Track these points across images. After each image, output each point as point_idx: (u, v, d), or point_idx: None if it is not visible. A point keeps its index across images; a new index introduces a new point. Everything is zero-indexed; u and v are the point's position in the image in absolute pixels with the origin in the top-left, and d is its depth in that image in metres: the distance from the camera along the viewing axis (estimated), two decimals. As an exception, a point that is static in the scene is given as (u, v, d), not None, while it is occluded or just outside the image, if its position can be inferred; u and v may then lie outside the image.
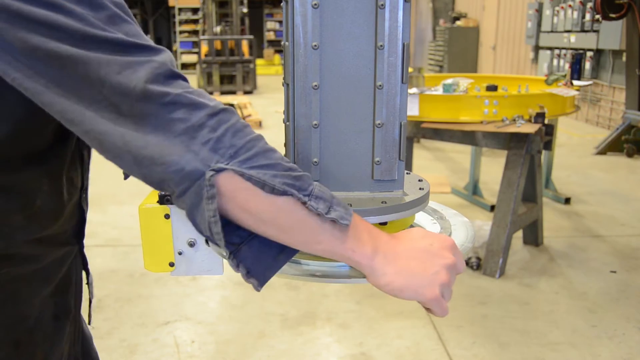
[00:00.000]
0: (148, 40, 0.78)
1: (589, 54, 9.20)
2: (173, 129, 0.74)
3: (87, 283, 1.22)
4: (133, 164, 0.76)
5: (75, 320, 1.16)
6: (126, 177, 1.08)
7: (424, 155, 6.98)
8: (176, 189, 0.76)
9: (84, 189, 1.08)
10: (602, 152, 7.26)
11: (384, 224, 0.99)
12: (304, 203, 0.76)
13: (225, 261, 1.04)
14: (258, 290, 0.83)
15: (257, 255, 0.82)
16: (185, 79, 0.79)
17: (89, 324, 1.26)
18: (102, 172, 0.94)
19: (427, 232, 0.87)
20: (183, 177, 0.74)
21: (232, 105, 8.52)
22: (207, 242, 1.04)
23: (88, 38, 0.73)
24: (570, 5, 9.51)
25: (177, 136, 0.73)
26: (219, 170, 0.73)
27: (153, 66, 0.75)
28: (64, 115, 0.75)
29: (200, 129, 0.74)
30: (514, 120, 3.61)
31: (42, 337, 1.04)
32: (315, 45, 0.95)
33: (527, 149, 3.60)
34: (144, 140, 0.74)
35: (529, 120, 3.62)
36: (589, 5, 8.86)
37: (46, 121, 0.85)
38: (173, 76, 0.76)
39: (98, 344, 1.26)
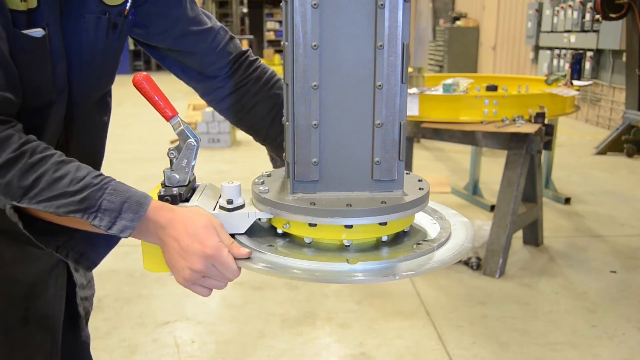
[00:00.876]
0: None
1: (589, 54, 9.20)
2: None
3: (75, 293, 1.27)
4: None
5: (52, 332, 1.19)
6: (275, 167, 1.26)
7: (424, 155, 6.98)
8: None
9: None
10: (602, 152, 7.26)
11: (384, 224, 0.99)
12: (91, 220, 0.91)
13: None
14: (89, 271, 1.06)
15: (89, 242, 0.99)
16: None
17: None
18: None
19: (206, 232, 0.96)
20: None
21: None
22: None
23: None
24: (570, 5, 9.51)
25: None
26: (13, 207, 0.92)
27: None
28: None
29: None
30: (514, 120, 3.61)
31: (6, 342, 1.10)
32: (315, 45, 0.95)
33: (527, 149, 3.60)
34: None
35: (529, 120, 3.62)
36: (589, 5, 8.86)
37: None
38: None
39: (98, 344, 1.27)
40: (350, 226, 0.97)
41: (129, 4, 1.11)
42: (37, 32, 0.97)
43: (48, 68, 1.02)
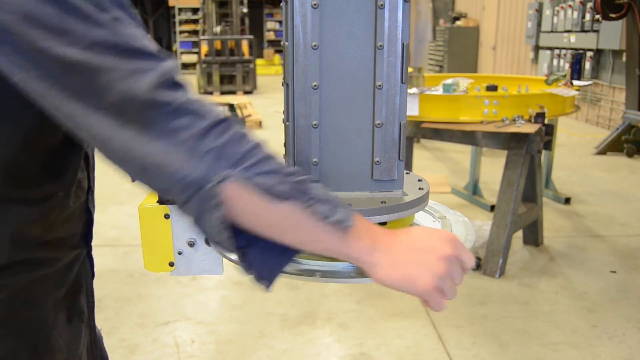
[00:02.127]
0: (153, 45, 0.79)
1: (589, 54, 9.20)
2: (177, 136, 0.74)
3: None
4: (137, 171, 0.77)
5: (89, 323, 1.16)
6: (133, 179, 1.09)
7: (424, 155, 6.98)
8: (180, 196, 0.76)
9: (90, 190, 1.09)
10: (602, 152, 7.26)
11: (384, 224, 0.99)
12: (308, 207, 0.77)
13: (225, 261, 1.04)
14: (267, 291, 0.85)
15: (263, 257, 0.83)
16: (188, 88, 0.79)
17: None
18: (101, 172, 0.94)
19: (426, 228, 0.88)
20: (186, 186, 0.74)
21: (232, 105, 8.50)
22: (207, 242, 1.05)
23: (95, 43, 0.72)
24: (570, 5, 9.51)
25: (181, 144, 0.74)
26: (223, 179, 0.74)
27: (158, 74, 0.75)
28: (70, 119, 0.75)
29: (204, 137, 0.74)
30: (514, 120, 3.61)
31: (59, 341, 1.05)
32: (315, 45, 0.95)
33: (527, 149, 3.60)
34: (148, 147, 0.74)
35: (529, 120, 3.62)
36: (589, 5, 8.86)
37: (54, 130, 0.86)
38: (177, 85, 0.77)
39: (98, 343, 1.27)
40: (385, 223, 0.98)
41: None
42: None
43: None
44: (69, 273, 1.08)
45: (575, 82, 4.38)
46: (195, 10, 19.85)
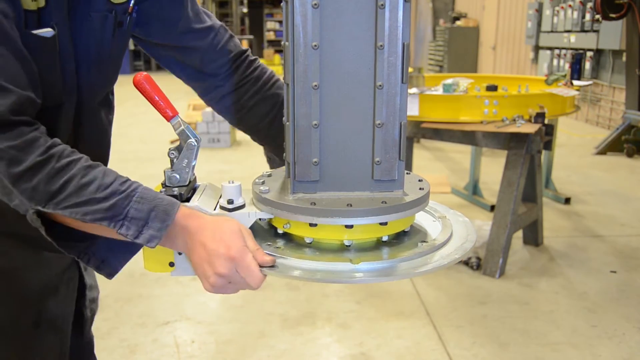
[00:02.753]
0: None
1: (589, 54, 9.20)
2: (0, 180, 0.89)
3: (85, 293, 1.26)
4: None
5: (61, 333, 1.18)
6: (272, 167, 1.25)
7: (424, 155, 6.98)
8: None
9: None
10: (602, 152, 7.26)
11: (384, 224, 0.99)
12: (117, 229, 0.90)
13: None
14: (109, 278, 1.02)
15: (109, 248, 0.99)
16: (25, 124, 0.89)
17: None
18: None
19: (225, 232, 0.96)
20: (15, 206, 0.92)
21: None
22: None
23: None
24: (570, 5, 9.51)
25: (2, 188, 0.89)
26: (36, 212, 0.89)
27: None
28: None
29: (18, 181, 0.88)
30: (514, 120, 3.61)
31: (16, 343, 1.10)
32: (315, 45, 0.95)
33: (527, 149, 3.60)
34: None
35: (529, 120, 3.62)
36: (589, 5, 8.86)
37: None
38: (5, 125, 0.86)
39: (98, 344, 1.27)
40: (351, 226, 0.97)
41: (132, 1, 1.10)
42: (47, 32, 0.96)
43: (57, 68, 1.01)
44: (42, 276, 1.12)
45: (575, 82, 4.37)
46: (195, 10, 19.81)
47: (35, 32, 0.94)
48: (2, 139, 0.86)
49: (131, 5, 1.10)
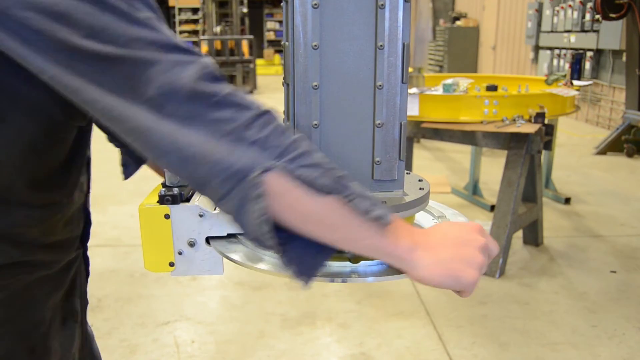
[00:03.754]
0: (186, 44, 0.79)
1: (589, 54, 9.20)
2: (221, 128, 0.74)
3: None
4: (178, 163, 0.76)
5: (82, 323, 1.16)
6: (126, 177, 1.07)
7: (424, 155, 6.98)
8: (220, 189, 0.75)
9: (88, 192, 1.09)
10: (602, 152, 7.26)
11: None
12: (349, 201, 0.76)
13: (226, 261, 1.04)
14: (306, 287, 0.84)
15: (301, 254, 0.82)
16: (228, 82, 0.79)
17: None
18: (101, 172, 0.94)
19: (453, 223, 0.89)
20: (230, 175, 0.74)
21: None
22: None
23: (134, 39, 0.73)
24: (570, 5, 9.51)
25: (225, 136, 0.74)
26: (267, 169, 0.73)
27: (200, 66, 0.75)
28: (107, 113, 0.75)
29: (248, 129, 0.74)
30: (514, 120, 3.61)
31: (55, 342, 1.05)
32: (315, 45, 0.95)
33: (527, 149, 3.60)
34: (190, 138, 0.74)
35: (529, 120, 3.62)
36: (589, 5, 8.86)
37: (63, 136, 0.87)
38: (218, 78, 0.77)
39: (98, 344, 1.27)
40: None
41: None
42: None
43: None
44: (67, 274, 1.08)
45: (575, 82, 4.38)
46: (195, 10, 19.85)
47: None
48: (223, 87, 0.76)
49: None
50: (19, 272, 0.94)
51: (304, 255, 0.82)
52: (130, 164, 1.15)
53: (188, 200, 1.06)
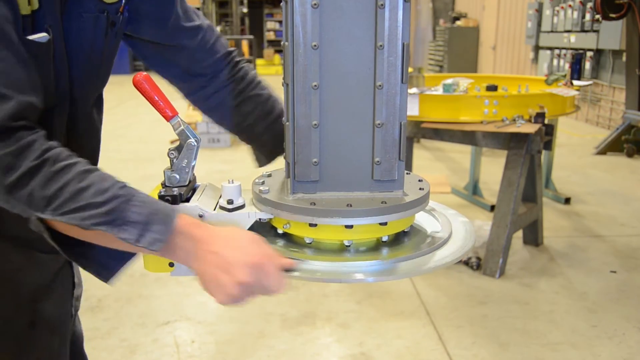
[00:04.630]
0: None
1: (589, 54, 9.20)
2: None
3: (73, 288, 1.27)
4: None
5: (59, 332, 1.18)
6: (260, 165, 1.31)
7: (424, 155, 6.98)
8: None
9: None
10: (602, 152, 7.26)
11: (384, 224, 0.99)
12: (117, 233, 0.88)
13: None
14: (109, 284, 1.04)
15: (106, 253, 0.97)
16: (24, 129, 0.87)
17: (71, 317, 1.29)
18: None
19: (244, 238, 0.93)
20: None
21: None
22: None
23: None
24: (570, 5, 9.51)
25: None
26: (37, 218, 0.88)
27: None
28: None
29: (13, 189, 0.86)
30: (514, 120, 3.61)
31: (11, 343, 1.10)
32: (315, 45, 0.95)
33: (527, 149, 3.60)
34: None
35: (529, 120, 3.62)
36: (589, 5, 8.85)
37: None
38: (2, 132, 0.85)
39: (98, 344, 1.27)
40: (351, 226, 0.97)
41: (123, 0, 1.10)
42: (42, 37, 0.95)
43: (51, 72, 1.00)
44: (40, 278, 1.11)
45: (575, 82, 4.37)
46: (195, 10, 19.80)
47: (30, 37, 0.93)
48: (0, 147, 0.85)
49: (122, 4, 1.09)
50: (13, 245, 1.06)
51: (110, 253, 0.97)
52: (262, 159, 1.31)
53: (188, 200, 1.06)
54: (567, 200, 5.16)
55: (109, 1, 1.06)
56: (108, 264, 0.99)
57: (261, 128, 1.27)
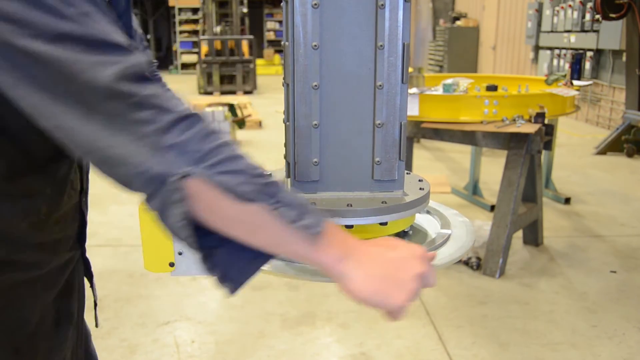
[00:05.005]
0: (123, 39, 0.78)
1: (589, 54, 9.20)
2: (139, 130, 0.73)
3: (91, 286, 1.22)
4: (100, 163, 0.76)
5: (77, 325, 1.15)
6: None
7: (424, 155, 6.98)
8: (144, 190, 0.76)
9: (83, 192, 1.08)
10: (602, 152, 7.26)
11: (384, 224, 0.99)
12: (274, 210, 0.76)
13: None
14: (231, 295, 0.83)
15: (231, 259, 0.82)
16: (158, 83, 0.78)
17: (97, 326, 1.26)
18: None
19: (399, 241, 0.87)
20: (148, 181, 0.74)
21: (232, 105, 8.49)
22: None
23: (61, 35, 0.73)
24: (570, 5, 9.51)
25: (143, 138, 0.73)
26: (185, 175, 0.73)
27: (124, 66, 0.74)
28: (35, 110, 0.75)
29: (167, 132, 0.73)
30: (514, 120, 3.61)
31: (43, 343, 1.03)
32: (315, 45, 0.95)
33: (527, 149, 3.60)
34: (110, 139, 0.74)
35: (529, 120, 3.62)
36: (589, 5, 8.86)
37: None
38: (143, 78, 0.76)
39: (98, 344, 1.27)
40: (351, 226, 0.97)
41: None
42: None
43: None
44: (61, 276, 1.07)
45: (575, 82, 4.37)
46: (195, 10, 19.84)
47: None
48: (146, 88, 0.75)
49: None
50: (4, 271, 0.92)
51: (235, 260, 0.82)
52: None
53: (188, 200, 1.05)
54: (567, 200, 5.16)
55: None
56: (231, 274, 0.83)
57: None
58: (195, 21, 19.77)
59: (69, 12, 0.74)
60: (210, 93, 13.24)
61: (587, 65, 9.24)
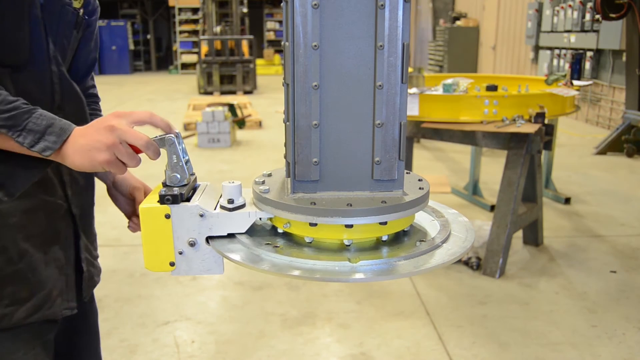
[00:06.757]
0: None
1: (589, 54, 9.20)
2: None
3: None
4: None
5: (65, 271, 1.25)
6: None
7: (424, 155, 6.98)
8: None
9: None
10: (602, 152, 7.26)
11: (384, 223, 0.99)
12: (15, 137, 1.00)
13: (226, 261, 1.04)
14: (7, 201, 1.10)
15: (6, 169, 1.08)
16: None
17: (84, 299, 1.32)
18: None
19: (121, 112, 1.05)
20: None
21: (232, 105, 8.49)
22: (207, 241, 1.05)
23: None
24: (570, 5, 9.51)
25: None
26: None
27: None
28: None
29: None
30: (514, 120, 3.61)
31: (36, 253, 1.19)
32: (315, 45, 0.95)
33: (527, 149, 3.60)
34: None
35: (529, 120, 3.62)
36: (589, 5, 8.86)
37: None
38: None
39: (98, 343, 1.27)
40: (351, 226, 0.98)
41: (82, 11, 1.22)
42: None
43: (26, 29, 1.09)
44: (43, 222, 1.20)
45: (575, 82, 4.37)
46: (195, 10, 19.85)
47: None
48: None
49: (81, 12, 1.22)
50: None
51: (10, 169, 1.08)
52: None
53: (188, 200, 1.06)
54: (567, 200, 5.16)
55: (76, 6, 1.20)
56: (13, 179, 1.09)
57: None
58: (195, 21, 19.78)
59: None
60: (210, 93, 13.24)
61: (587, 65, 9.24)
